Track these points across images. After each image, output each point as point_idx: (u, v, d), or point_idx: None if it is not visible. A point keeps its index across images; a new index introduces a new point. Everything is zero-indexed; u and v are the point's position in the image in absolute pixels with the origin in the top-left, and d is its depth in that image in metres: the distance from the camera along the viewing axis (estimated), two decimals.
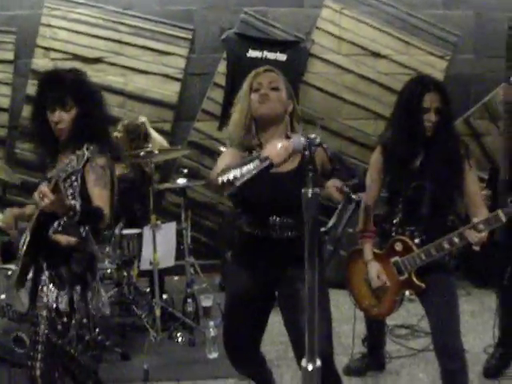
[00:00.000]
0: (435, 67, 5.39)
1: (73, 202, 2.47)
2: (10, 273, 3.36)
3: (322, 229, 5.16)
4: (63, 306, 2.70)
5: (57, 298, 2.65)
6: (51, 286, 2.62)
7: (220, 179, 2.12)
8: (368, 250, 2.85)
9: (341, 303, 4.41)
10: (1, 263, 3.78)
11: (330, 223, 5.21)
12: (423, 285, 2.64)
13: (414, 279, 2.66)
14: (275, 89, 2.37)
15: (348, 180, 2.20)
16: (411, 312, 4.13)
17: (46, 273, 2.64)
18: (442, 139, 2.59)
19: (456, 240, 2.50)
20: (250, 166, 2.10)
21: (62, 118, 2.52)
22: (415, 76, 2.79)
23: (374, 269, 2.79)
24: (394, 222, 2.73)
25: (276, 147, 2.03)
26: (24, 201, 5.25)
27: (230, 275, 2.66)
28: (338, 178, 2.23)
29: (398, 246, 2.70)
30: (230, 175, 2.11)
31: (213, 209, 5.43)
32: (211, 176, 2.30)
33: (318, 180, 2.29)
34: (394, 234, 2.74)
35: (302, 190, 1.66)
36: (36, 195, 2.18)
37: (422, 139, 2.61)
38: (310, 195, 1.65)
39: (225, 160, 2.33)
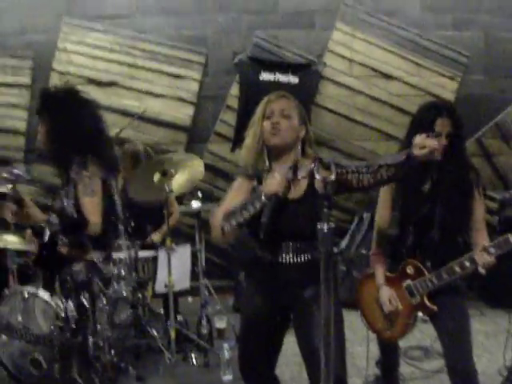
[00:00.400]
0: (446, 88, 5.43)
1: (47, 216, 2.69)
2: (26, 295, 3.42)
3: (335, 249, 5.19)
4: (71, 312, 2.82)
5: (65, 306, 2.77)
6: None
7: (222, 228, 2.25)
8: (380, 273, 2.85)
9: (354, 324, 4.37)
10: (18, 285, 3.83)
11: (343, 244, 5.23)
12: (435, 307, 2.64)
13: (427, 302, 2.66)
14: (287, 116, 2.37)
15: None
16: (425, 333, 4.09)
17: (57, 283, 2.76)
18: (452, 164, 2.60)
19: (467, 264, 2.51)
20: (251, 208, 2.25)
21: (40, 133, 2.80)
22: (428, 101, 2.83)
23: (386, 293, 2.78)
24: (406, 244, 2.73)
25: (274, 181, 2.24)
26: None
27: (245, 297, 2.68)
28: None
29: (410, 270, 2.70)
30: (233, 222, 2.25)
31: None
32: (214, 220, 2.33)
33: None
34: (405, 256, 2.74)
35: (318, 226, 1.71)
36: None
37: (433, 163, 2.59)
38: (325, 230, 1.70)
39: (231, 198, 2.38)
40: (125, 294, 3.95)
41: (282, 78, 5.24)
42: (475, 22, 5.45)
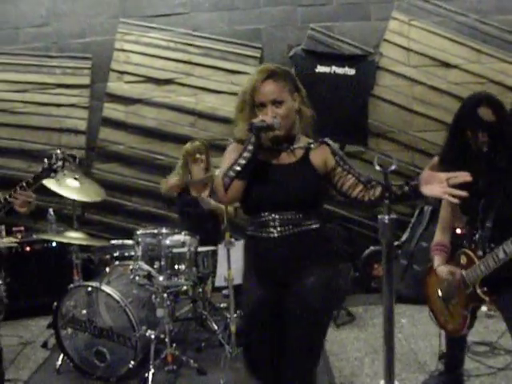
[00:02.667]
0: (508, 74, 5.25)
1: None
2: (90, 289, 3.51)
3: (396, 243, 5.10)
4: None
5: None
6: None
7: (223, 184, 2.22)
8: (437, 259, 2.84)
9: (416, 319, 4.34)
10: (82, 280, 3.94)
11: (404, 237, 5.14)
12: (487, 298, 2.58)
13: (479, 292, 2.59)
14: (280, 102, 2.29)
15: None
16: (490, 328, 4.00)
17: None
18: (501, 155, 2.53)
19: (510, 249, 2.40)
20: (246, 154, 2.21)
21: None
22: (470, 94, 2.77)
23: (445, 269, 2.76)
24: (474, 238, 2.66)
25: (265, 115, 2.22)
26: (102, 219, 5.49)
27: (243, 281, 2.56)
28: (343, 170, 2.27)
29: (463, 259, 2.68)
30: (230, 173, 2.22)
31: None
32: (216, 181, 2.32)
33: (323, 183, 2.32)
34: (461, 247, 2.71)
35: (379, 217, 1.67)
36: None
37: (482, 156, 2.56)
38: (386, 221, 1.67)
39: (228, 159, 2.33)
40: (185, 288, 4.02)
41: (338, 70, 5.17)
42: None
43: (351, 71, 5.18)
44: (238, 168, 2.22)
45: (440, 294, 2.86)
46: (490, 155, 2.55)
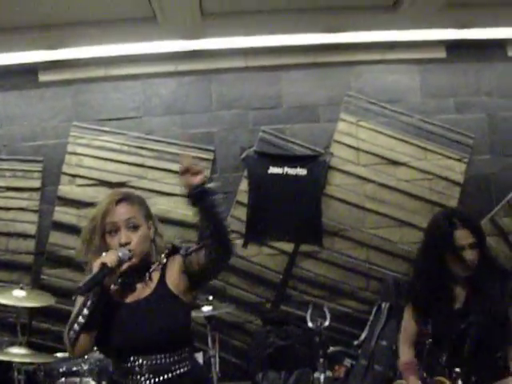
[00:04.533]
0: (454, 170, 5.43)
1: None
2: None
3: (355, 342, 5.03)
4: None
5: None
6: None
7: (69, 340, 1.98)
8: (412, 381, 2.71)
9: None
10: None
11: (363, 336, 5.08)
12: None
13: None
14: (136, 227, 2.12)
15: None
16: None
17: None
18: (483, 277, 2.50)
19: None
20: (87, 302, 1.98)
21: None
22: (437, 213, 2.78)
23: None
24: (440, 360, 2.61)
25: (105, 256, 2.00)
26: (51, 327, 5.24)
27: None
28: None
29: None
30: (75, 327, 1.97)
31: (241, 328, 5.30)
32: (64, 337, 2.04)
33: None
34: (437, 372, 2.62)
35: (315, 375, 1.62)
36: None
37: (464, 280, 2.53)
38: (322, 381, 1.63)
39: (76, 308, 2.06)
40: None
41: (290, 170, 5.26)
42: (477, 104, 5.54)
43: (303, 171, 5.27)
44: (82, 320, 1.96)
45: None
46: (473, 278, 2.51)
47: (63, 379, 3.85)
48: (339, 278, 5.31)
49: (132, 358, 2.02)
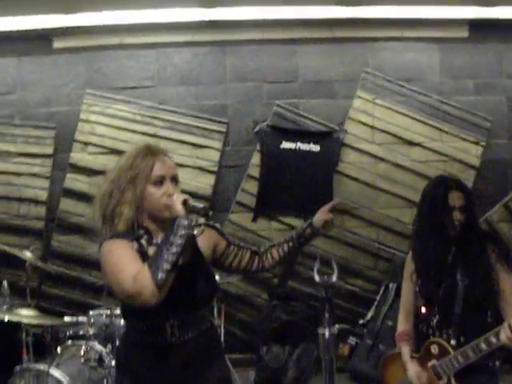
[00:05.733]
0: (470, 153, 5.34)
1: None
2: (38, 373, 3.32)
3: (361, 321, 5.03)
4: None
5: None
6: None
7: (156, 282, 1.86)
8: (405, 351, 2.77)
9: None
10: (30, 362, 3.71)
11: (369, 315, 5.06)
12: None
13: (453, 383, 2.52)
14: (177, 181, 2.11)
15: None
16: None
17: None
18: (469, 238, 2.61)
19: (493, 340, 2.39)
20: (180, 236, 1.90)
21: None
22: (436, 176, 2.90)
23: (414, 369, 2.68)
24: (431, 324, 2.65)
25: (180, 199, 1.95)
26: (59, 293, 5.29)
27: None
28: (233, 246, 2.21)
29: (434, 349, 2.61)
30: (164, 266, 1.86)
31: (247, 302, 5.32)
32: (139, 282, 1.87)
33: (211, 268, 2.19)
34: (429, 335, 2.66)
35: (319, 331, 1.61)
36: None
37: (452, 237, 2.63)
38: (327, 336, 1.61)
39: (128, 257, 1.97)
40: None
41: (303, 146, 5.21)
42: (497, 86, 5.43)
43: (316, 148, 5.22)
44: (174, 258, 1.87)
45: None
46: (459, 238, 2.62)
47: (70, 342, 3.87)
48: (348, 257, 5.29)
49: (164, 318, 2.04)
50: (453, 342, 2.56)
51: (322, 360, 1.62)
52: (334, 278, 1.73)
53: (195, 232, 1.97)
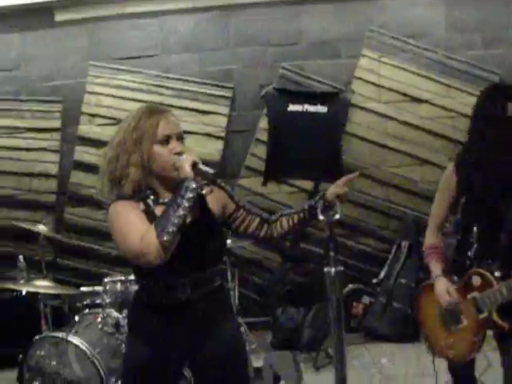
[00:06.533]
0: None
1: None
2: (58, 340, 3.37)
3: (374, 280, 5.04)
4: None
5: None
6: None
7: (161, 242, 1.88)
8: (436, 266, 2.56)
9: (397, 359, 4.24)
10: (49, 331, 3.78)
11: (382, 274, 5.08)
12: (506, 325, 2.32)
13: (496, 318, 2.33)
14: (182, 139, 2.09)
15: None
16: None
17: None
18: None
19: None
20: (187, 199, 1.90)
21: None
22: (490, 84, 2.66)
23: (443, 284, 2.48)
24: (469, 253, 2.45)
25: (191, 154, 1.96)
26: (74, 264, 5.35)
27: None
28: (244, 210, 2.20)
29: (476, 281, 2.40)
30: (169, 228, 1.88)
31: (260, 265, 5.35)
32: (145, 242, 1.91)
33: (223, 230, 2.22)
34: (469, 266, 2.45)
35: (325, 269, 1.60)
36: None
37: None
38: (333, 274, 1.60)
39: (134, 218, 2.00)
40: None
41: (311, 108, 5.17)
42: (504, 39, 5.33)
43: (323, 109, 5.18)
44: (178, 220, 1.88)
45: (441, 316, 2.55)
46: None
47: (87, 310, 3.92)
48: (359, 217, 5.29)
49: (175, 276, 2.07)
50: (497, 273, 2.35)
51: (329, 299, 1.61)
52: (338, 216, 1.71)
53: (204, 191, 1.97)
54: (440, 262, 2.57)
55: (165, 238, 1.87)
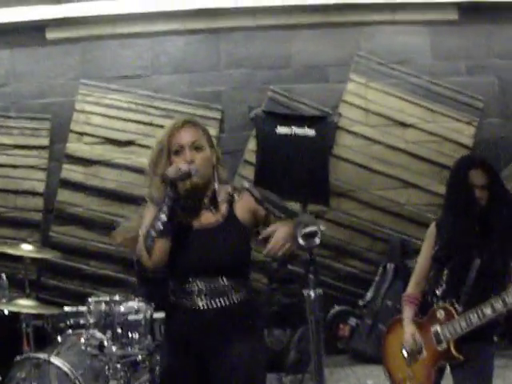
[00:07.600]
0: (463, 133, 5.40)
1: None
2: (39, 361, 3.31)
3: (360, 302, 5.07)
4: None
5: None
6: None
7: (146, 246, 2.03)
8: (407, 312, 2.73)
9: (382, 380, 4.25)
10: (32, 350, 3.72)
11: (368, 296, 5.11)
12: (461, 357, 2.47)
13: (453, 350, 2.49)
14: (199, 148, 2.15)
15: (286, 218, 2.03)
16: None
17: None
18: (496, 212, 2.54)
19: (498, 306, 2.38)
20: (163, 208, 2.04)
21: None
22: (462, 156, 2.96)
23: (410, 329, 2.66)
24: (437, 293, 2.63)
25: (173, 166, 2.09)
26: (58, 284, 5.30)
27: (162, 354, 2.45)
28: (273, 217, 2.13)
29: (440, 314, 2.57)
30: (152, 233, 2.03)
31: None
32: (139, 244, 2.11)
33: (254, 236, 2.22)
34: (437, 302, 2.62)
35: (304, 292, 1.63)
36: None
37: (475, 215, 2.57)
38: (312, 297, 1.63)
39: (146, 224, 2.15)
40: (141, 358, 3.84)
41: (299, 130, 5.24)
42: (488, 67, 5.48)
43: (311, 132, 5.25)
44: (160, 226, 2.03)
45: (405, 348, 2.71)
46: (485, 212, 2.57)
47: (70, 331, 3.87)
48: (345, 239, 5.34)
49: (193, 281, 2.12)
50: (460, 308, 2.51)
51: (308, 321, 1.64)
52: (318, 241, 1.74)
53: (187, 184, 2.09)
54: (413, 308, 2.74)
55: (148, 243, 2.04)
